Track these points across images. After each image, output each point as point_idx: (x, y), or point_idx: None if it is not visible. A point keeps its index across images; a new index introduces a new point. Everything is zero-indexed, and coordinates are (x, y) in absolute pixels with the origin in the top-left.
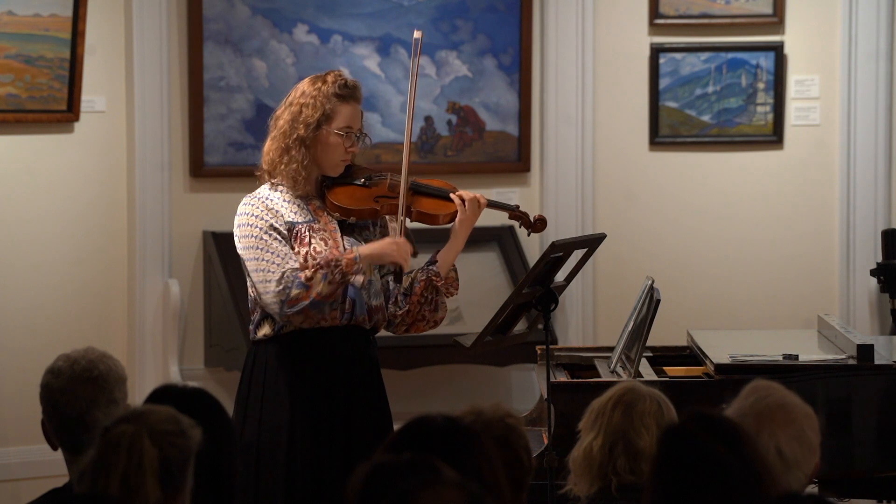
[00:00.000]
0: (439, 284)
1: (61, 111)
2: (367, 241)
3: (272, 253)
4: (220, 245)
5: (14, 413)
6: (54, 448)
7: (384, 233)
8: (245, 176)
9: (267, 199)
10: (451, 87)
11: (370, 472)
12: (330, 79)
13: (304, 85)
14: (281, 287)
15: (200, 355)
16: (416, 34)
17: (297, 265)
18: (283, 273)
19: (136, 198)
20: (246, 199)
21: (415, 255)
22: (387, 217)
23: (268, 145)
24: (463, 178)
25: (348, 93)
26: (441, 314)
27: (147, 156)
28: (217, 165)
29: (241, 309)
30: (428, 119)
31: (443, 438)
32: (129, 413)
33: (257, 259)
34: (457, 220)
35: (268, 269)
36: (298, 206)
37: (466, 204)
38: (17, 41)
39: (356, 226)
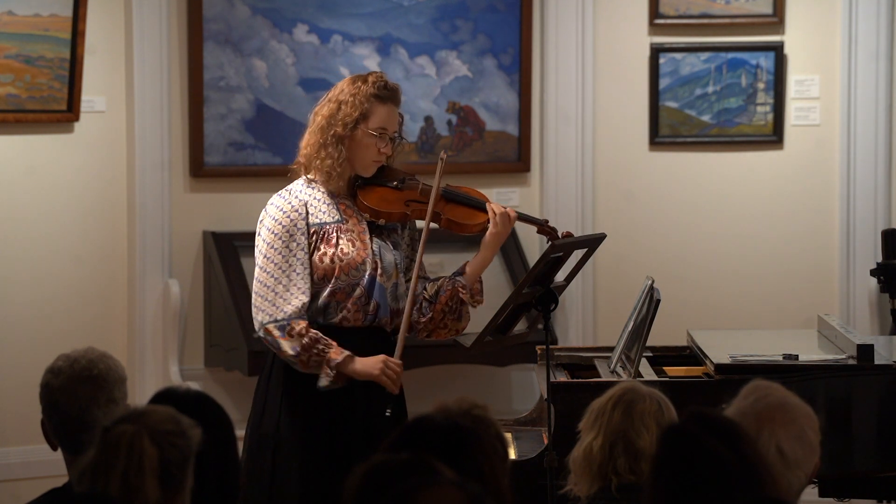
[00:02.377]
0: (464, 297)
1: (61, 111)
2: (394, 244)
3: (280, 269)
4: (220, 245)
5: (14, 413)
6: (54, 448)
7: (412, 235)
8: (245, 176)
9: (297, 196)
10: (451, 87)
11: (368, 472)
12: (371, 79)
13: (345, 83)
14: (273, 308)
15: (200, 355)
16: (443, 155)
17: (300, 291)
18: (284, 311)
19: (136, 198)
20: (275, 199)
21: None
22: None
23: (306, 139)
24: (463, 178)
25: (387, 94)
26: (464, 324)
27: (147, 156)
28: (217, 165)
29: (241, 309)
30: (428, 119)
31: (442, 438)
32: (129, 413)
33: (263, 269)
34: (488, 233)
35: (267, 285)
36: (328, 205)
37: (498, 218)
38: (17, 41)
39: (385, 228)
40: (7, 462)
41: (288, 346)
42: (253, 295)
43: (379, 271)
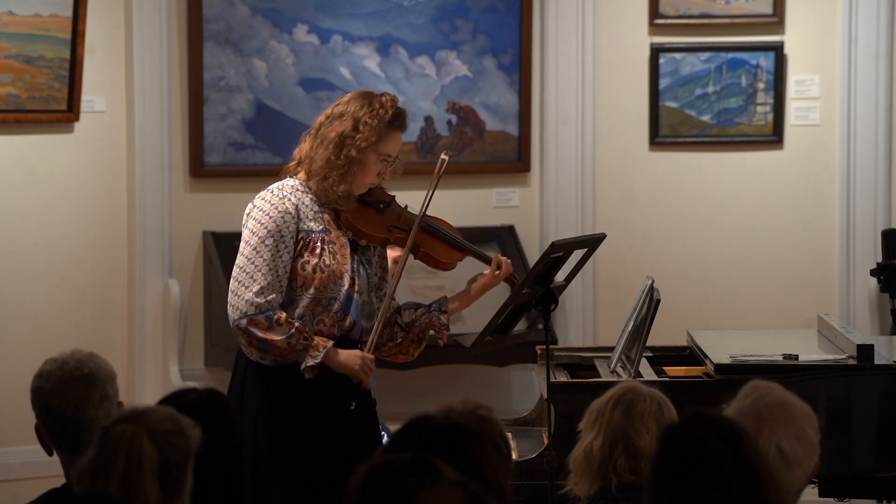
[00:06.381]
0: (437, 335)
1: (61, 111)
2: (367, 260)
3: (265, 262)
4: (220, 245)
5: (14, 413)
6: (49, 453)
7: (382, 253)
8: (245, 176)
9: (290, 199)
10: (451, 87)
11: (370, 472)
12: (388, 104)
13: (361, 102)
14: (261, 300)
15: (200, 355)
16: (444, 156)
17: (278, 291)
18: (268, 299)
19: (136, 198)
20: (267, 195)
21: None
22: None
23: (312, 149)
24: (463, 178)
25: (400, 124)
26: (421, 349)
27: (147, 156)
28: (217, 165)
29: None
30: (428, 119)
31: (443, 438)
32: (128, 413)
33: (250, 260)
34: (482, 282)
35: (253, 276)
36: (315, 213)
37: (500, 272)
38: (17, 41)
39: (360, 245)
40: (7, 462)
41: (277, 334)
42: (233, 282)
43: (356, 288)
